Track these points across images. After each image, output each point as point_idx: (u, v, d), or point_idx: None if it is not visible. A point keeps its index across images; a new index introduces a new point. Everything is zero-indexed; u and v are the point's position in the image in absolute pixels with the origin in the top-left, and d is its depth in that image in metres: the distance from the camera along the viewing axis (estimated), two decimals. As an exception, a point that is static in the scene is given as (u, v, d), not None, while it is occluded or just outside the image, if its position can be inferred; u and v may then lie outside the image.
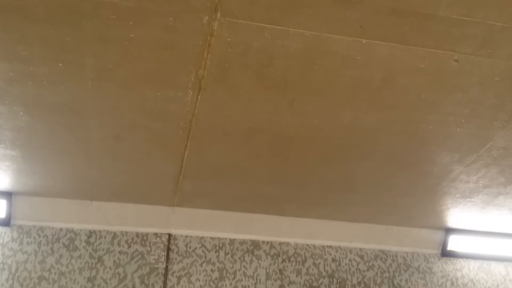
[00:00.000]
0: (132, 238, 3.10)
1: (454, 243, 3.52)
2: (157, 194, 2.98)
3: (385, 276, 3.40)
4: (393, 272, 3.42)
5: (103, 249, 3.03)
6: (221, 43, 1.80)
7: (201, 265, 3.13)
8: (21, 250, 2.92)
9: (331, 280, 3.29)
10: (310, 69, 1.94)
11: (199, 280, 3.08)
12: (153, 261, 3.06)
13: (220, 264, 3.16)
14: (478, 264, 3.62)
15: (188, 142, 2.41)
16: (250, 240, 3.28)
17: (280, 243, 3.32)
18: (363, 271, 3.37)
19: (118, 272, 2.99)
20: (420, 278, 3.45)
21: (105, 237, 3.06)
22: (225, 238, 3.24)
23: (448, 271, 3.53)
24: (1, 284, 2.80)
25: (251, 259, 3.23)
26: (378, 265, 3.42)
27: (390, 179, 2.79)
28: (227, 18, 1.71)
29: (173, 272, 3.07)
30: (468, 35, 1.79)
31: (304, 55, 1.86)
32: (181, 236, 3.18)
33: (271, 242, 3.31)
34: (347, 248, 3.42)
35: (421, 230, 3.49)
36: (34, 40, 1.76)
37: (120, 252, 3.05)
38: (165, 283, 3.02)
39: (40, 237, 2.97)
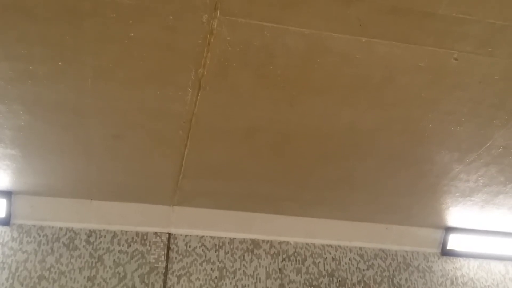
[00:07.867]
0: (132, 237, 3.10)
1: (454, 242, 3.52)
2: (157, 193, 2.98)
3: (385, 275, 3.40)
4: (393, 271, 3.42)
5: (103, 249, 3.03)
6: (220, 41, 1.80)
7: (201, 264, 3.13)
8: (21, 249, 2.92)
9: (331, 279, 3.29)
10: (310, 68, 1.94)
11: (199, 279, 3.08)
12: (153, 260, 3.06)
13: (220, 263, 3.16)
14: (477, 263, 3.62)
15: (188, 141, 2.41)
16: (250, 239, 3.28)
17: (280, 242, 3.32)
18: (363, 270, 3.38)
19: (118, 271, 2.99)
20: (420, 277, 3.45)
21: (105, 236, 3.06)
22: (225, 237, 3.24)
23: (448, 270, 3.53)
24: (1, 283, 2.80)
25: (251, 258, 3.23)
26: (378, 264, 3.42)
27: (390, 178, 2.79)
28: (226, 17, 1.70)
29: (173, 271, 3.07)
30: (468, 33, 1.79)
31: (304, 53, 1.86)
32: (181, 235, 3.18)
33: (271, 241, 3.31)
34: (347, 247, 3.42)
35: (421, 229, 3.49)
36: (34, 39, 1.76)
37: (120, 252, 3.05)
38: (165, 282, 3.02)
39: (40, 236, 2.97)
